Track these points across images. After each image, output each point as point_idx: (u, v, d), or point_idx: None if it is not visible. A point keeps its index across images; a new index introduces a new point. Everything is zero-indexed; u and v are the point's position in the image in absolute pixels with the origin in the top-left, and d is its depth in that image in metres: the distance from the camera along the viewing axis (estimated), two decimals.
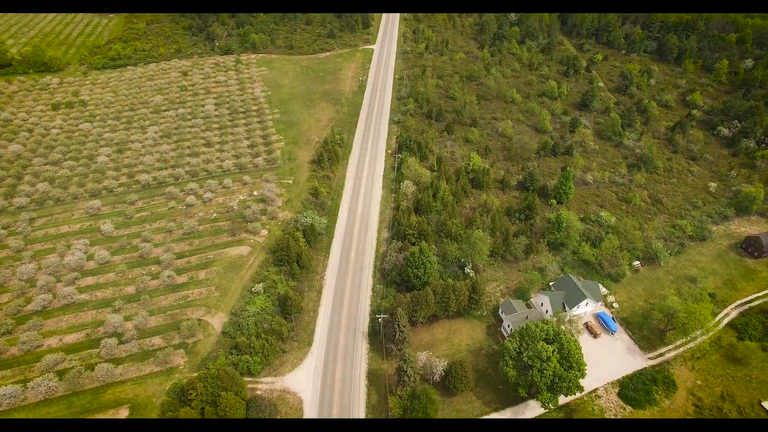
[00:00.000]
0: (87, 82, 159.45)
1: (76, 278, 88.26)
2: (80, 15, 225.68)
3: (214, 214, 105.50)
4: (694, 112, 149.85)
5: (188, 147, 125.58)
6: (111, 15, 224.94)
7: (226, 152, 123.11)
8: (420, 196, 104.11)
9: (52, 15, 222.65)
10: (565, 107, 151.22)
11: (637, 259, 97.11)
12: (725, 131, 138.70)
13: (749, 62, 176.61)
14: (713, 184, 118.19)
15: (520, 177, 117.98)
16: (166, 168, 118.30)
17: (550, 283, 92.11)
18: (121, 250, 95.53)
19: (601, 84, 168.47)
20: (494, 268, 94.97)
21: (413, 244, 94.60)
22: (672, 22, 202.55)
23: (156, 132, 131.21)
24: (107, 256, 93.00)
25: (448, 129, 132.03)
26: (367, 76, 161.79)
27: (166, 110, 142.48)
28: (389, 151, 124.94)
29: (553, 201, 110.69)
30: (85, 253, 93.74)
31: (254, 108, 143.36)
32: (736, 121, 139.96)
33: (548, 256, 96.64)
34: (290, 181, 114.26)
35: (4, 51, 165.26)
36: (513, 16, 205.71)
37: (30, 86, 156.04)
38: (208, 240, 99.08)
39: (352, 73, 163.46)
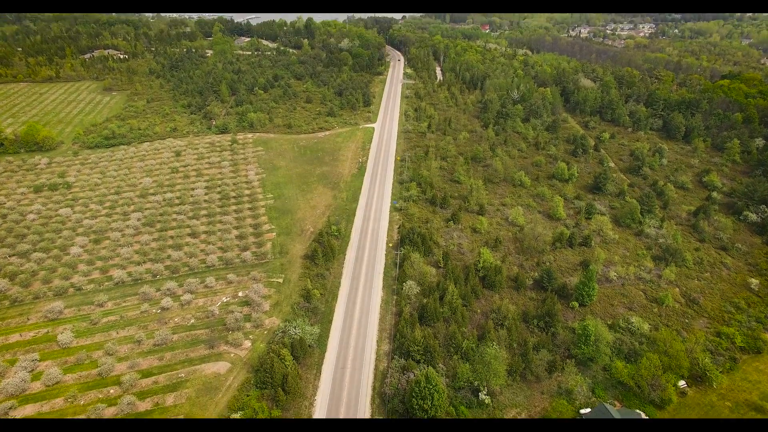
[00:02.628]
0: (76, 162, 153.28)
1: (11, 408, 73.59)
2: (84, 92, 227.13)
3: (192, 320, 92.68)
4: (714, 194, 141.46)
5: (171, 237, 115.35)
6: (114, 93, 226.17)
7: (211, 244, 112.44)
8: (425, 301, 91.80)
9: (56, 94, 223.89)
10: (577, 190, 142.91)
11: (682, 377, 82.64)
12: (753, 216, 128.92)
13: (760, 141, 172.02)
14: (754, 281, 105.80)
15: (536, 274, 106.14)
16: (144, 262, 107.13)
17: (581, 411, 77.18)
18: (76, 367, 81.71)
19: (611, 164, 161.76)
20: (513, 390, 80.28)
21: (418, 362, 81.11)
22: (675, 101, 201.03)
23: (139, 219, 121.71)
24: (58, 374, 79.02)
25: (454, 217, 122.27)
26: (367, 157, 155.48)
27: (153, 194, 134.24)
28: (390, 245, 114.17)
29: (575, 303, 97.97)
30: (31, 372, 79.82)
31: (247, 192, 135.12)
32: (764, 206, 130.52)
33: (576, 376, 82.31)
34: (280, 280, 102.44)
35: None
36: (516, 93, 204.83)
37: (17, 167, 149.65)
38: (181, 353, 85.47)
39: (351, 154, 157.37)
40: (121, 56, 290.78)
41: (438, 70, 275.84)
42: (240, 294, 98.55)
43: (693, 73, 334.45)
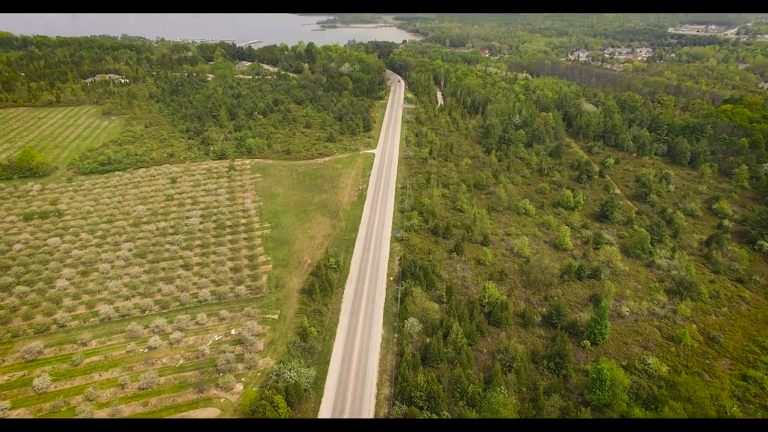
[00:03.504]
0: (70, 189, 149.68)
1: None
2: (83, 117, 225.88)
3: (181, 361, 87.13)
4: (726, 222, 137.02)
5: (163, 269, 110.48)
6: (113, 117, 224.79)
7: (205, 277, 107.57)
8: (428, 340, 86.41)
9: (54, 118, 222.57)
10: (584, 219, 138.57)
11: None
12: None
13: None
14: None
15: (544, 309, 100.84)
16: (133, 296, 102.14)
17: None
18: (51, 415, 75.84)
19: (617, 191, 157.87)
20: None
21: (421, 409, 75.30)
22: (679, 126, 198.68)
23: (130, 250, 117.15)
24: None
25: (457, 248, 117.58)
26: (367, 184, 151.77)
27: (146, 223, 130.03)
28: (391, 278, 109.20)
29: (587, 342, 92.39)
30: None
31: (243, 221, 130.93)
32: None
33: None
34: (275, 317, 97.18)
35: None
36: (517, 118, 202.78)
37: (8, 193, 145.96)
38: (168, 398, 79.71)
39: (351, 181, 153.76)
40: (123, 80, 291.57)
41: (439, 94, 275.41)
42: (233, 332, 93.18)
43: (694, 97, 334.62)
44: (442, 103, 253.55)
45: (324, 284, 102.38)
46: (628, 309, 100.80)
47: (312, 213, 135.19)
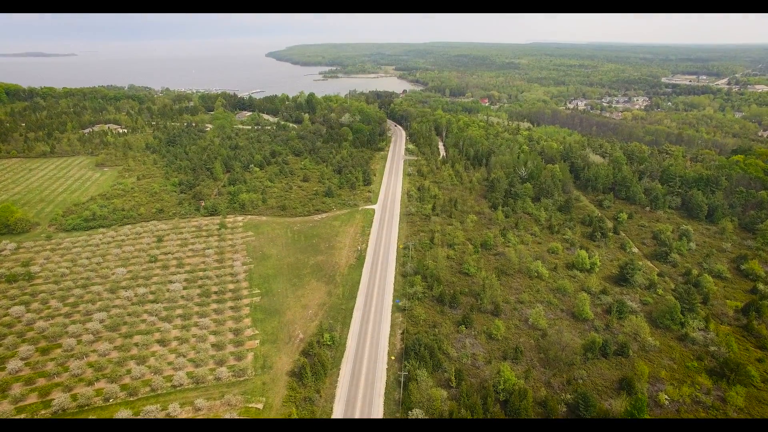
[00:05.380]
0: (47, 248, 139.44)
1: None
2: (75, 168, 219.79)
3: None
4: (761, 285, 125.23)
5: (136, 345, 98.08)
6: (106, 168, 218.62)
7: (183, 356, 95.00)
8: None
9: (46, 170, 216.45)
10: (602, 282, 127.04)
11: None
12: None
13: None
14: None
15: (568, 396, 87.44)
16: (97, 380, 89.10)
17: None
18: None
19: (635, 250, 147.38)
20: None
21: None
22: (692, 178, 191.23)
23: (102, 321, 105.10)
24: None
25: (465, 320, 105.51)
26: (366, 244, 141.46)
27: (125, 288, 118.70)
28: (393, 357, 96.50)
29: None
30: None
31: (231, 287, 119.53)
32: None
33: None
34: (260, 406, 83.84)
35: None
36: (523, 171, 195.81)
37: None
38: None
39: (349, 240, 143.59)
40: (121, 130, 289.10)
41: (441, 145, 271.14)
42: None
43: (696, 145, 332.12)
44: (444, 154, 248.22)
45: (316, 366, 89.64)
46: (667, 397, 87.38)
47: (306, 277, 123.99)
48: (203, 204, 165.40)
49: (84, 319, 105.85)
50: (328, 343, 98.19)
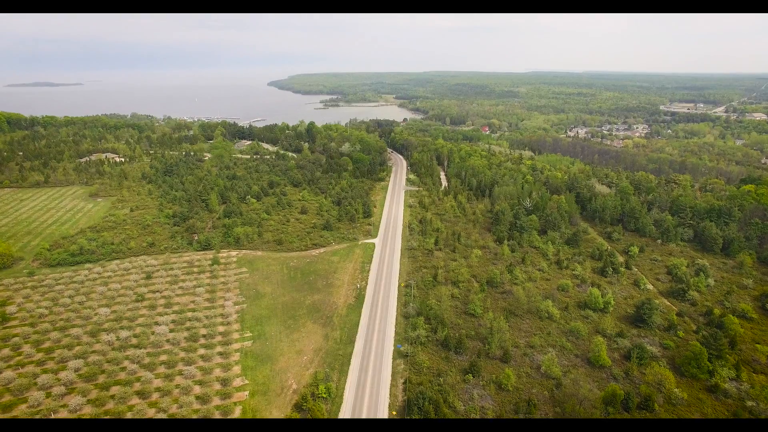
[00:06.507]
0: (28, 285, 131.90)
1: None
2: (68, 199, 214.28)
3: None
4: None
5: (112, 398, 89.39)
6: (99, 199, 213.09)
7: (163, 411, 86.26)
8: None
9: (38, 200, 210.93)
10: (617, 323, 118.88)
11: None
12: None
13: None
14: None
15: None
16: None
17: None
18: None
19: (650, 287, 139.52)
20: None
21: None
22: (703, 208, 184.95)
23: (77, 370, 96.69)
24: None
25: (472, 368, 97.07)
26: (366, 282, 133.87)
27: (107, 331, 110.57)
28: (394, 412, 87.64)
29: None
30: None
31: (221, 330, 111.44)
32: None
33: None
34: None
35: None
36: (528, 202, 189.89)
37: None
38: None
39: (348, 277, 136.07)
40: (118, 159, 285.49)
41: (442, 175, 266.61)
42: None
43: (703, 174, 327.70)
44: (446, 185, 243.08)
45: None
46: None
47: (302, 319, 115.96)
48: (196, 238, 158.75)
49: (58, 368, 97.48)
50: (324, 395, 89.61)
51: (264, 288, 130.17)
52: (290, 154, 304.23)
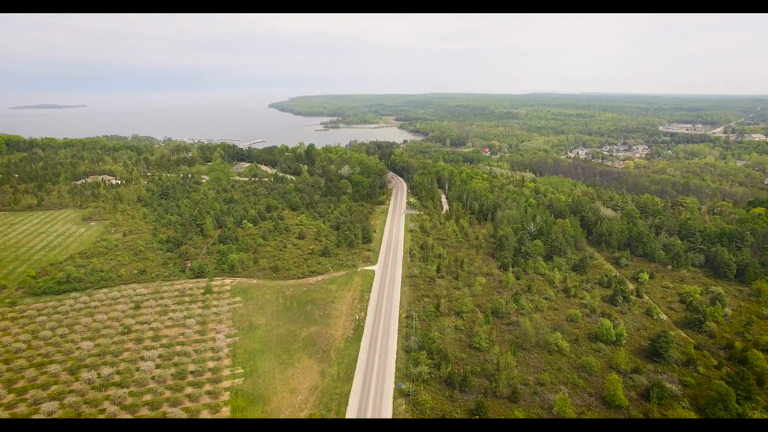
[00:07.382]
0: (8, 317, 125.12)
1: None
2: (60, 223, 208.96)
3: None
4: None
5: None
6: (92, 223, 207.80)
7: None
8: None
9: (29, 224, 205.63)
10: (631, 357, 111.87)
11: None
12: None
13: None
14: None
15: None
16: None
17: None
18: None
19: (663, 317, 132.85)
20: None
21: None
22: (713, 233, 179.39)
23: (50, 414, 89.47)
24: None
25: (479, 408, 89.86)
26: (365, 312, 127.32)
27: (88, 368, 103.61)
28: None
29: None
30: None
31: (210, 366, 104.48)
32: None
33: None
34: None
35: None
36: (532, 226, 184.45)
37: None
38: None
39: (347, 308, 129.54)
40: (114, 182, 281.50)
41: (443, 198, 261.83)
42: None
43: (707, 195, 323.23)
44: (448, 208, 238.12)
45: None
46: None
47: (297, 353, 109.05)
48: (189, 265, 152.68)
49: (30, 411, 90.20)
50: None
51: (258, 319, 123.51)
52: (289, 176, 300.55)
